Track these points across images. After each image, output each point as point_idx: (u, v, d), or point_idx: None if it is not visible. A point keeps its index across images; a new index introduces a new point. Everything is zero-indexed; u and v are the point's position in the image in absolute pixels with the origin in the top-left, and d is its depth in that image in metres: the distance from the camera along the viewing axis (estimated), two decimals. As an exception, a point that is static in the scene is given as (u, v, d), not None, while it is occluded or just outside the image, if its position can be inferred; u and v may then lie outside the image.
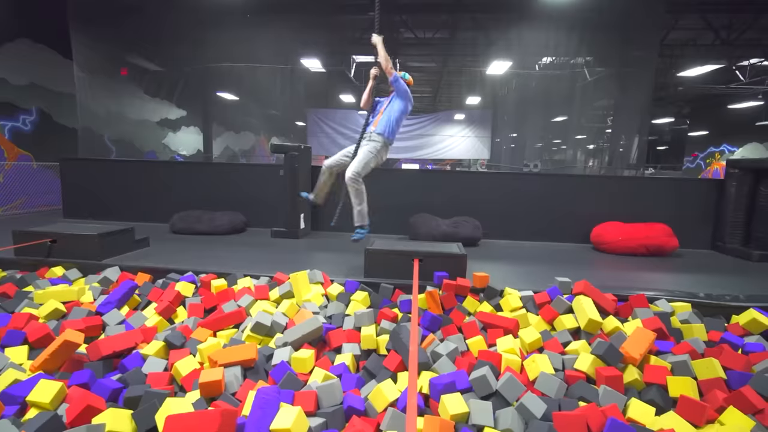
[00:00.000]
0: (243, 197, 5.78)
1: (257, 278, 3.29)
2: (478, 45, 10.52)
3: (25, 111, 7.64)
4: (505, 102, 15.22)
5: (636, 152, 10.55)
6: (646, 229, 4.71)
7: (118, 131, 9.79)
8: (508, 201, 5.52)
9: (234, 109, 14.92)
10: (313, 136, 15.84)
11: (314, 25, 9.95)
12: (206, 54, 10.76)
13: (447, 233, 4.85)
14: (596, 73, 10.50)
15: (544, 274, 3.62)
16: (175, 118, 12.19)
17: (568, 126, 14.67)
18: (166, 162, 9.49)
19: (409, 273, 3.12)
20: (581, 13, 7.87)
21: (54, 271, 3.45)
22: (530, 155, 17.32)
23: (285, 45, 10.51)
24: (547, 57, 11.72)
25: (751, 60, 11.64)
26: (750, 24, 8.98)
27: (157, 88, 10.97)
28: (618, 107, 11.11)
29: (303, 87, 12.75)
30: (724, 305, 2.96)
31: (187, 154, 12.89)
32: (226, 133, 15.32)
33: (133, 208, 5.94)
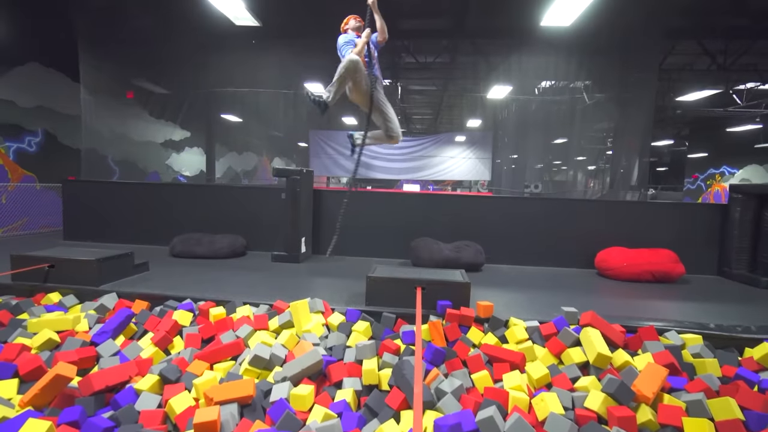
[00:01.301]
0: (244, 220, 5.76)
1: (257, 306, 3.22)
2: (478, 69, 10.70)
3: (31, 132, 7.72)
4: (506, 124, 15.38)
5: (637, 174, 10.59)
6: (651, 255, 4.65)
7: (122, 152, 9.88)
8: (511, 225, 5.48)
9: (237, 130, 15.10)
10: (315, 156, 15.96)
11: (317, 49, 10.12)
12: (211, 78, 10.97)
13: (449, 258, 4.79)
14: (596, 96, 10.64)
15: (549, 302, 3.55)
16: (179, 139, 12.31)
17: (569, 147, 14.78)
18: (168, 184, 9.53)
19: (412, 301, 3.06)
20: (580, 38, 8.01)
21: (50, 297, 3.39)
22: (531, 176, 17.38)
23: (288, 69, 10.71)
24: (547, 81, 11.90)
25: (748, 84, 11.79)
26: (746, 49, 9.13)
27: (162, 110, 11.13)
28: (618, 130, 11.21)
29: (305, 109, 12.92)
30: (736, 337, 2.88)
31: (189, 174, 12.96)
32: (229, 154, 15.45)
33: (133, 230, 5.91)
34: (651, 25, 7.21)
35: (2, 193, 7.03)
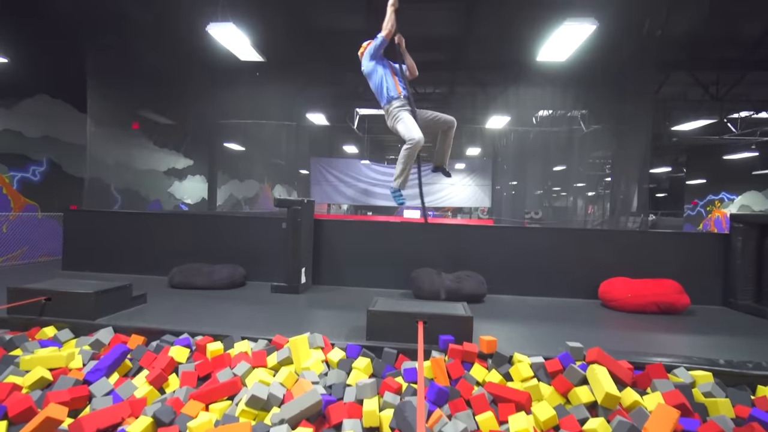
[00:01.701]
0: (244, 249, 5.73)
1: (255, 341, 3.16)
2: (476, 100, 10.95)
3: (36, 162, 7.82)
4: (505, 152, 15.59)
5: (637, 200, 10.64)
6: (655, 286, 4.60)
7: (125, 181, 9.97)
8: (513, 254, 5.45)
9: (239, 158, 15.31)
10: (316, 184, 16.09)
11: (319, 81, 10.43)
12: (215, 109, 11.23)
13: (451, 289, 4.73)
14: (593, 127, 10.84)
15: (553, 336, 3.47)
16: (182, 167, 12.46)
17: (568, 174, 14.93)
18: (168, 213, 9.55)
19: (413, 335, 3.00)
20: (576, 72, 8.24)
21: (45, 331, 3.33)
22: (531, 203, 17.47)
23: (290, 100, 10.98)
24: (545, 110, 12.15)
25: (741, 113, 12.01)
26: (737, 80, 9.35)
27: (166, 139, 11.33)
28: (616, 158, 11.35)
29: (307, 139, 13.16)
30: (747, 374, 2.80)
31: (191, 202, 13.03)
32: (230, 181, 15.59)
33: (133, 260, 5.87)
34: (644, 59, 7.43)
35: (3, 222, 7.05)
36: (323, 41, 8.65)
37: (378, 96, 3.73)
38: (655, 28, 6.72)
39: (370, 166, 16.57)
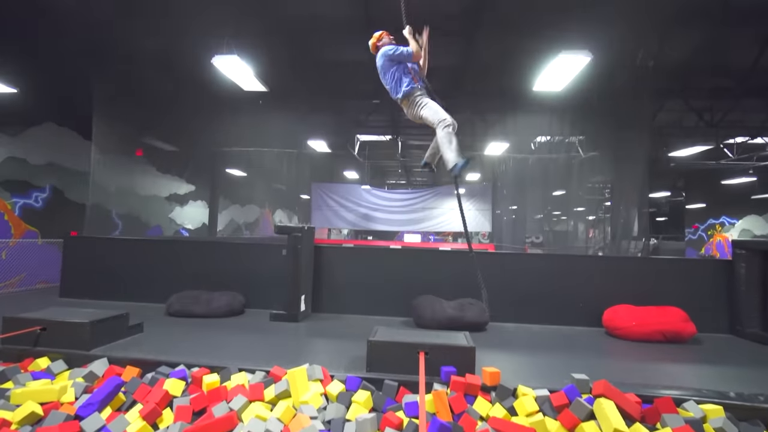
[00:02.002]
0: (243, 276, 5.69)
1: (252, 373, 3.09)
2: (475, 127, 11.13)
3: (39, 188, 7.89)
4: (504, 177, 15.71)
5: (638, 225, 10.64)
6: (660, 314, 4.53)
7: (127, 206, 10.02)
8: (514, 281, 5.39)
9: (241, 184, 15.43)
10: (317, 209, 16.14)
11: (321, 109, 10.64)
12: (218, 137, 11.41)
13: (453, 317, 4.67)
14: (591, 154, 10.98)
15: (558, 367, 3.39)
16: (184, 192, 12.54)
17: (567, 199, 14.99)
18: (168, 240, 9.54)
19: (415, 367, 2.93)
20: (572, 100, 8.42)
21: (38, 363, 3.26)
22: (531, 227, 17.46)
23: (293, 128, 11.17)
24: (542, 136, 12.33)
25: (737, 139, 12.17)
26: (731, 107, 9.51)
27: (170, 165, 11.46)
28: (615, 184, 11.43)
29: (308, 165, 13.30)
30: (759, 407, 2.71)
31: (192, 227, 13.04)
32: (232, 206, 15.65)
33: (131, 288, 5.82)
34: (638, 88, 7.61)
35: (3, 248, 7.04)
36: (325, 72, 8.89)
37: (393, 88, 3.72)
38: (647, 59, 6.92)
39: (370, 191, 16.67)
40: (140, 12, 6.39)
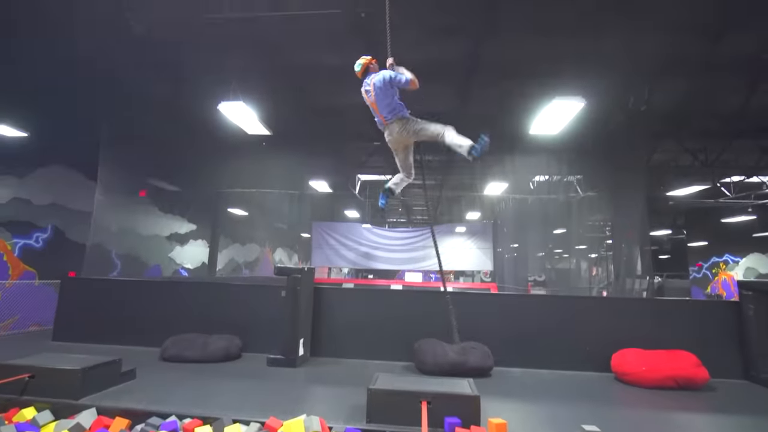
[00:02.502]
0: (241, 318, 5.57)
1: (247, 424, 2.95)
2: (474, 168, 11.32)
3: (40, 229, 7.91)
4: (504, 215, 15.78)
5: (641, 263, 10.54)
6: (670, 359, 4.38)
7: (127, 246, 10.00)
8: (519, 323, 5.27)
9: (242, 223, 15.49)
10: (317, 248, 16.07)
11: (322, 151, 10.88)
12: (221, 178, 11.61)
13: (455, 362, 4.52)
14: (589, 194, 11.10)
15: (567, 417, 3.24)
16: (185, 232, 12.57)
17: (568, 237, 14.96)
18: (165, 281, 9.45)
19: (417, 417, 2.81)
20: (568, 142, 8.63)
21: (24, 413, 3.12)
22: (533, 265, 17.30)
23: (294, 169, 11.37)
24: (541, 176, 12.52)
25: (733, 178, 12.31)
26: (724, 147, 9.70)
27: (172, 205, 11.57)
28: (615, 223, 11.46)
29: (309, 204, 13.42)
30: (782, 464, 2.56)
31: (191, 267, 12.95)
32: (232, 246, 15.62)
33: (127, 330, 5.68)
34: (632, 131, 7.82)
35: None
36: (326, 115, 9.17)
37: (391, 110, 3.80)
38: (639, 104, 7.16)
39: (371, 230, 16.68)
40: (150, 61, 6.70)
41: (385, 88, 3.74)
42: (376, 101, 3.76)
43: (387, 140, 3.91)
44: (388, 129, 3.85)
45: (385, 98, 3.75)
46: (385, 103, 3.75)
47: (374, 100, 3.77)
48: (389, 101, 3.76)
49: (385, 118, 3.78)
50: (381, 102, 3.76)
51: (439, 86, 7.75)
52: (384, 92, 3.74)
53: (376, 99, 3.76)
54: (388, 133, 3.85)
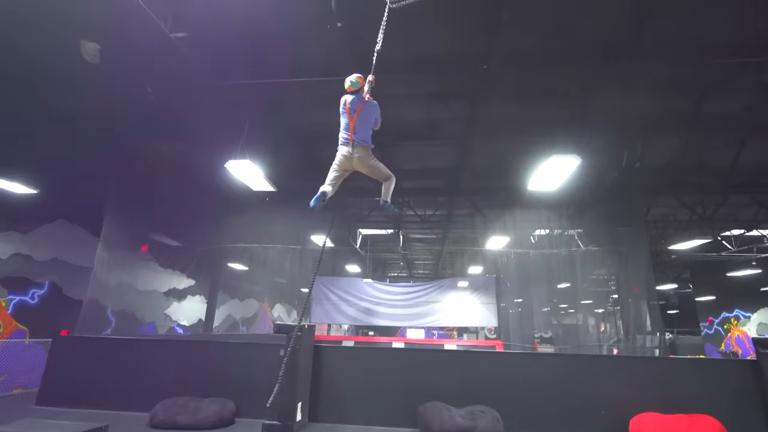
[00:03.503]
0: (237, 378, 5.31)
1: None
2: (475, 222, 11.42)
3: (38, 285, 7.80)
4: (507, 269, 15.61)
5: (650, 319, 10.24)
6: (692, 424, 4.11)
7: (123, 302, 9.80)
8: (528, 385, 5.02)
9: (241, 278, 15.30)
10: (318, 303, 15.74)
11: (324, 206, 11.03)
12: (223, 233, 11.66)
13: (463, 428, 4.24)
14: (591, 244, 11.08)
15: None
16: (183, 287, 12.37)
17: (573, 291, 14.69)
18: (159, 340, 9.13)
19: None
20: (566, 198, 8.79)
21: (-4, 490, 2.87)
22: (538, 321, 16.80)
23: (296, 225, 11.47)
24: (542, 230, 12.57)
25: (733, 231, 12.33)
26: (721, 202, 9.82)
27: (174, 261, 11.51)
28: (620, 278, 11.33)
29: (311, 260, 13.35)
30: None
31: (187, 324, 12.59)
32: (230, 301, 15.30)
33: (116, 393, 5.41)
34: (629, 186, 7.98)
35: (-13, 349, 6.71)
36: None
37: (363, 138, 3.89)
38: (633, 161, 7.38)
39: (372, 285, 16.43)
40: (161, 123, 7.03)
41: (370, 118, 3.94)
42: (357, 121, 3.87)
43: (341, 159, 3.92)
44: (346, 149, 3.89)
45: (366, 125, 3.91)
46: (363, 128, 3.89)
47: (356, 119, 3.86)
48: (367, 129, 3.93)
49: (354, 139, 3.87)
50: (361, 125, 3.88)
51: (439, 145, 8.06)
52: (368, 120, 3.93)
53: (359, 120, 3.87)
54: (345, 154, 3.89)
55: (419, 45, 5.28)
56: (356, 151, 3.84)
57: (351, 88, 3.91)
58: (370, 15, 4.28)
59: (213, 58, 5.42)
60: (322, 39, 4.97)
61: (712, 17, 4.76)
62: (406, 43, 3.90)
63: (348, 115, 3.87)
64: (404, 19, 3.87)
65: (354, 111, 3.85)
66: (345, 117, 3.85)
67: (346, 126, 3.84)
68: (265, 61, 5.70)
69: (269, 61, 5.70)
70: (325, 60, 5.45)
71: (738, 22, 4.86)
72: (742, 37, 5.06)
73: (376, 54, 3.88)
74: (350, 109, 3.86)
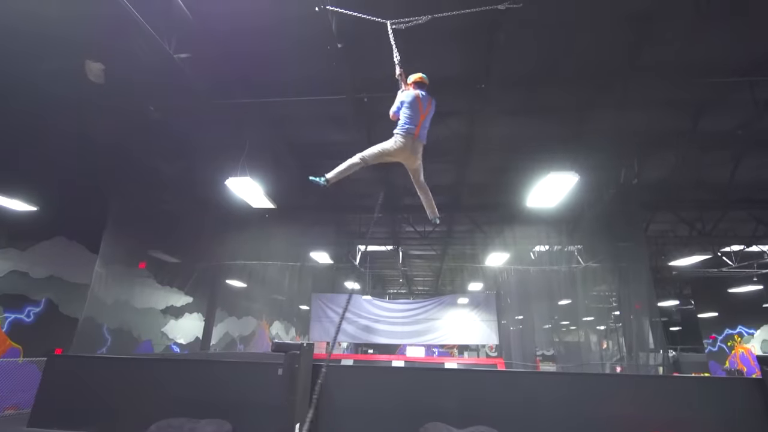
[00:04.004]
0: (234, 399, 5.21)
1: None
2: (475, 239, 11.41)
3: (34, 302, 7.71)
4: (507, 285, 15.52)
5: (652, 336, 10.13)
6: (699, 446, 4.02)
7: (120, 320, 9.68)
8: (531, 404, 4.92)
9: (240, 295, 15.18)
10: (316, 320, 15.59)
11: (324, 223, 11.06)
12: (223, 250, 11.64)
13: (465, 451, 4.14)
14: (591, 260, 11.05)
15: None
16: (181, 305, 12.26)
17: (574, 308, 14.57)
18: (155, 359, 9.00)
19: None
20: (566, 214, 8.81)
21: None
22: (540, 338, 16.61)
23: (296, 241, 11.45)
24: (541, 246, 12.55)
25: (733, 247, 12.32)
26: (720, 218, 9.84)
27: (172, 278, 11.43)
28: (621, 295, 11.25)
29: (310, 277, 13.29)
30: None
31: (184, 342, 12.41)
32: (228, 319, 15.14)
33: (110, 414, 5.29)
34: (627, 202, 8.03)
35: (-21, 369, 6.59)
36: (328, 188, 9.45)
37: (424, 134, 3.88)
38: (631, 178, 7.44)
39: (371, 302, 16.30)
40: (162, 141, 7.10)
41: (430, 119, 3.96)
42: (426, 117, 3.88)
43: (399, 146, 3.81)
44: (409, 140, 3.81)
45: (427, 124, 3.92)
46: (427, 125, 3.91)
47: (427, 115, 3.88)
48: (426, 128, 3.92)
49: (419, 133, 3.85)
50: (427, 121, 3.91)
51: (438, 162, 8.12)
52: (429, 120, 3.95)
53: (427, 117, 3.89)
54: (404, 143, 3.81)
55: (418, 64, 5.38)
56: (416, 145, 3.82)
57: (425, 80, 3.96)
58: (370, 37, 4.39)
59: (214, 77, 5.51)
60: (322, 59, 5.07)
61: (705, 38, 4.87)
62: (405, 62, 3.97)
63: (420, 108, 3.82)
64: (405, 41, 3.96)
65: (425, 107, 3.85)
66: (415, 109, 3.79)
67: (415, 119, 3.78)
68: (266, 80, 5.80)
69: (270, 81, 5.80)
70: (326, 79, 5.54)
71: (730, 42, 4.97)
72: (734, 57, 5.18)
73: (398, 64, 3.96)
74: (422, 104, 3.83)
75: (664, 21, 4.68)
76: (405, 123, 3.74)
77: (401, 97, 3.87)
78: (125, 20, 4.13)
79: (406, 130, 3.72)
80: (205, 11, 4.63)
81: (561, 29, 4.85)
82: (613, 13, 4.68)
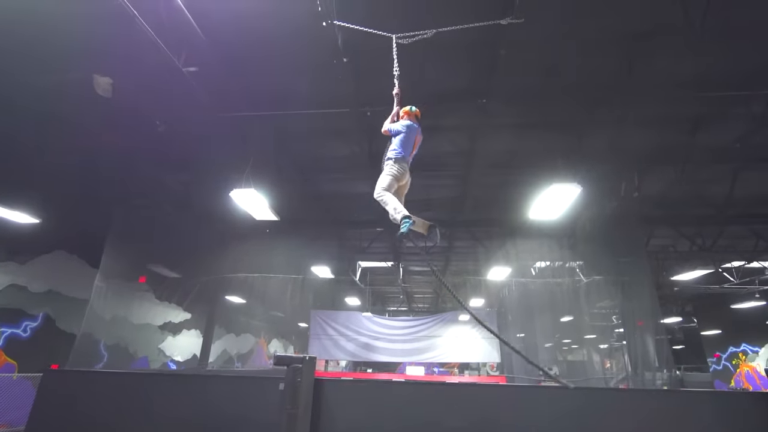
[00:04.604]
0: (231, 418, 5.06)
1: None
2: (476, 254, 11.40)
3: (31, 317, 7.63)
4: (509, 302, 15.40)
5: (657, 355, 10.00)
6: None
7: (117, 336, 9.55)
8: (537, 419, 4.80)
9: (238, 311, 15.02)
10: (315, 338, 15.38)
11: (325, 236, 11.04)
12: (223, 264, 11.57)
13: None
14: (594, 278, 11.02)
15: None
16: (179, 321, 12.11)
17: (576, 325, 14.44)
18: (150, 374, 8.82)
19: None
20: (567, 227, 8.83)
21: None
22: (542, 357, 16.36)
23: (298, 254, 11.41)
24: (543, 261, 12.52)
25: (734, 263, 12.29)
26: (719, 233, 9.86)
27: (171, 293, 11.32)
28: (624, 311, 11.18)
29: (311, 292, 13.18)
30: None
31: (181, 359, 12.21)
32: (226, 336, 14.93)
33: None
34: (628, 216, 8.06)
35: (-27, 385, 6.46)
36: (329, 202, 9.50)
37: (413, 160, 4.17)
38: (631, 191, 7.49)
39: (371, 319, 16.11)
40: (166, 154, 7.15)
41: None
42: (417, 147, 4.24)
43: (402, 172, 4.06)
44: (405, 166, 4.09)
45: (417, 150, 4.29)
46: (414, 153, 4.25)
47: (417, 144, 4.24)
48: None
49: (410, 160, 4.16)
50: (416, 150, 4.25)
51: (439, 177, 8.18)
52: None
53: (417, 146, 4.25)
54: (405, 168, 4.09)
55: (420, 79, 5.49)
56: (406, 170, 4.10)
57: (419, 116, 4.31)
58: (375, 51, 4.50)
59: (220, 91, 5.60)
60: (328, 73, 5.17)
61: (701, 54, 4.99)
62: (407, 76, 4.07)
63: (416, 141, 4.19)
64: (408, 55, 4.05)
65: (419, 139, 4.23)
66: (412, 141, 4.14)
67: (409, 148, 4.11)
68: (272, 94, 5.89)
69: (276, 94, 5.90)
70: (331, 93, 5.64)
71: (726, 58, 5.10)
72: (730, 72, 5.30)
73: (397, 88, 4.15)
74: (418, 137, 4.21)
75: (662, 37, 4.81)
76: (401, 151, 4.04)
77: (404, 122, 4.16)
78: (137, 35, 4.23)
79: (402, 157, 4.04)
80: (213, 26, 4.74)
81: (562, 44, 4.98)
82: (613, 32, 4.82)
